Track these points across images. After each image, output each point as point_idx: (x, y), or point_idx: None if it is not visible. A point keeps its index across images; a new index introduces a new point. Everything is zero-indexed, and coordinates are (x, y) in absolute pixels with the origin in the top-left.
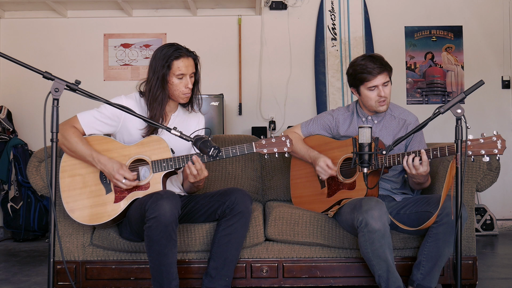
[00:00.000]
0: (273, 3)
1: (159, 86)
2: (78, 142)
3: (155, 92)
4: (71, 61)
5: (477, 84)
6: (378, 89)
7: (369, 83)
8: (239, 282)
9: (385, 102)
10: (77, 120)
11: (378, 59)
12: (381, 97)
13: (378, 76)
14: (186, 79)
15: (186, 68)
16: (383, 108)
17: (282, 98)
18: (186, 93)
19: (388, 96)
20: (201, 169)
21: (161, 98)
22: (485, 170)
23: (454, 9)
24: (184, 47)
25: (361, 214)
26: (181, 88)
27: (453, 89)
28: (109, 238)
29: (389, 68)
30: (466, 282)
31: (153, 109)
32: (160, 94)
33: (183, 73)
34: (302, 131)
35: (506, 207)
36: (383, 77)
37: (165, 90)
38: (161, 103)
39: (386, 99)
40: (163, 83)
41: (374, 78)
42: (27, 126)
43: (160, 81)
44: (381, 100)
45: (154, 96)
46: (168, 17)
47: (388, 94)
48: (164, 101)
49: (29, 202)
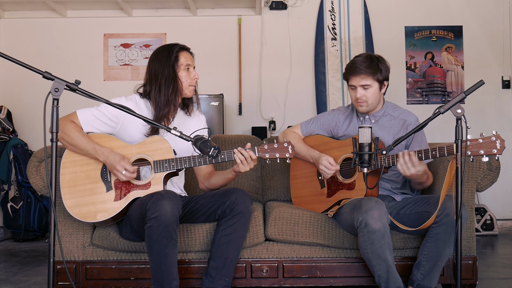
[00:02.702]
0: (273, 3)
1: (171, 78)
2: (80, 136)
3: (169, 85)
4: (71, 61)
5: (477, 84)
6: (356, 90)
7: (349, 81)
8: (239, 282)
9: (364, 104)
10: (76, 116)
11: (369, 60)
12: (358, 98)
13: (356, 77)
14: (192, 70)
15: (191, 60)
16: (361, 109)
17: (282, 98)
18: (193, 84)
19: (368, 99)
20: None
21: (176, 89)
22: (485, 170)
23: (454, 9)
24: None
25: (360, 215)
26: (189, 80)
27: (453, 89)
28: (109, 238)
29: (374, 72)
30: (466, 282)
31: (168, 104)
32: (175, 86)
33: (189, 63)
34: (302, 131)
35: (506, 207)
36: (361, 79)
37: (176, 86)
38: (177, 95)
39: (364, 101)
40: (174, 74)
41: (352, 78)
42: (27, 126)
43: (172, 73)
44: (359, 101)
45: (169, 89)
46: (168, 17)
47: (367, 97)
48: (177, 99)
49: (29, 202)
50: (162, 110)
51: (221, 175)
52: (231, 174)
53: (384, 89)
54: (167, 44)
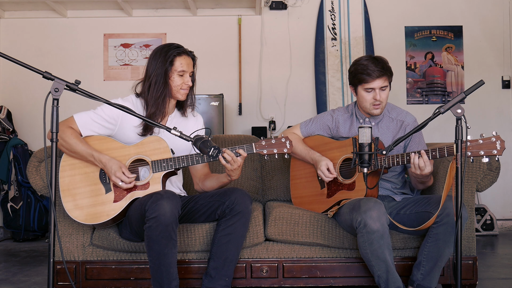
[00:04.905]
0: (273, 3)
1: (162, 82)
2: (78, 143)
3: (158, 88)
4: (71, 61)
5: (477, 84)
6: (375, 92)
7: (366, 84)
8: (239, 282)
9: (380, 106)
10: (74, 121)
11: (381, 62)
12: (376, 101)
13: (376, 80)
14: (186, 76)
15: (188, 66)
16: (377, 112)
17: (282, 98)
18: (185, 89)
19: (384, 100)
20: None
21: (165, 94)
22: (485, 170)
23: (454, 9)
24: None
25: (359, 215)
26: (180, 85)
27: (453, 89)
28: (109, 238)
29: (390, 73)
30: (466, 282)
31: (155, 106)
32: (164, 90)
33: (185, 70)
34: (302, 131)
35: (506, 207)
36: (382, 81)
37: (167, 86)
38: (164, 100)
39: (381, 103)
40: (165, 79)
41: (372, 81)
42: (27, 126)
43: (163, 77)
44: (376, 103)
45: (157, 93)
46: (168, 17)
47: (384, 99)
48: (167, 97)
49: (29, 202)
50: (149, 109)
51: (217, 178)
52: (226, 179)
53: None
54: (168, 44)
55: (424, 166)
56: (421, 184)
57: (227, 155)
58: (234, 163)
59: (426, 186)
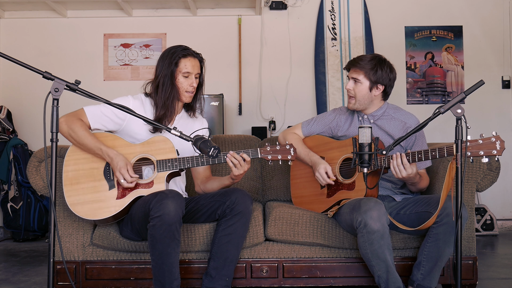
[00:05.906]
0: (273, 3)
1: (169, 84)
2: (87, 135)
3: (166, 90)
4: (71, 61)
5: (477, 84)
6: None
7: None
8: (239, 282)
9: (352, 99)
10: (84, 113)
11: (372, 58)
12: (347, 89)
13: (350, 69)
14: (191, 78)
15: (192, 67)
16: (350, 105)
17: (282, 98)
18: (190, 91)
19: (356, 94)
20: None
21: (173, 95)
22: (485, 170)
23: (454, 9)
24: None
25: (360, 215)
26: (185, 87)
27: (453, 89)
28: (109, 238)
29: (367, 69)
30: (466, 282)
31: (164, 108)
32: (172, 92)
33: (189, 71)
34: (303, 131)
35: (506, 207)
36: (353, 71)
37: (174, 88)
38: (173, 101)
39: (352, 96)
40: (172, 80)
41: (349, 69)
42: (27, 126)
43: (169, 79)
44: (348, 93)
45: (166, 94)
46: (168, 17)
47: (355, 93)
48: (175, 99)
49: (29, 202)
50: (159, 111)
51: (218, 181)
52: (228, 181)
53: (378, 92)
54: (176, 46)
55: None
56: (412, 186)
57: (234, 159)
58: (240, 168)
59: (418, 188)
